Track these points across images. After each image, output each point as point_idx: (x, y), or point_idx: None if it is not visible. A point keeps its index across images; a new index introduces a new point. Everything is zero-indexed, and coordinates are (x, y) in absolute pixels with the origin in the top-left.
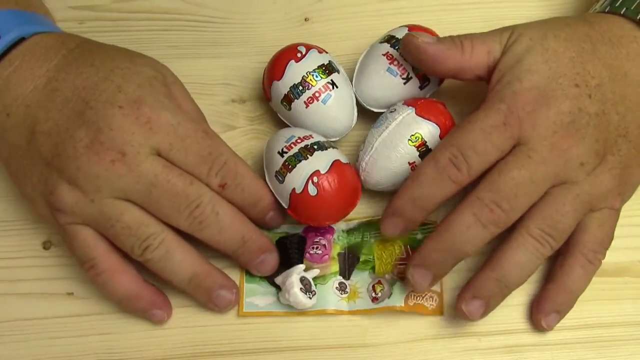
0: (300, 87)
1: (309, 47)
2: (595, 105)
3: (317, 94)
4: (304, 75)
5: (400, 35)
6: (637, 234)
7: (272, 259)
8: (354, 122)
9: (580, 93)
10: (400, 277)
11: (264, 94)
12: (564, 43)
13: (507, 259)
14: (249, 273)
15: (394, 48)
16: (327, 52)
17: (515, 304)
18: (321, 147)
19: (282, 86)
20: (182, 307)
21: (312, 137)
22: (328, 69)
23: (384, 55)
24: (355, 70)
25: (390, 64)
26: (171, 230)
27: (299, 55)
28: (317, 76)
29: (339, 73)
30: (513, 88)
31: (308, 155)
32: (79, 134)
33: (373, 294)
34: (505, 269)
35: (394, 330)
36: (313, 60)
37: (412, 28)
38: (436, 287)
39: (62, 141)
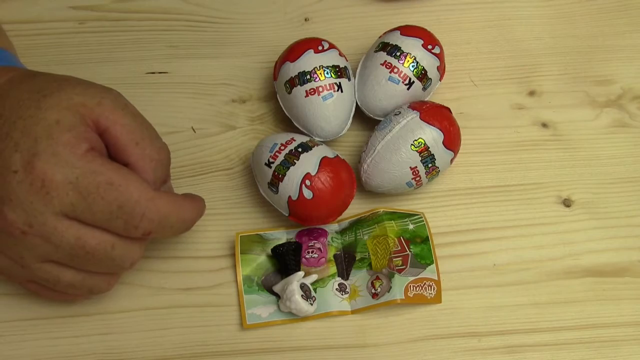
0: (308, 76)
1: (332, 46)
2: None
3: (320, 89)
4: (315, 67)
5: (393, 40)
6: (637, 234)
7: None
8: (344, 131)
9: None
10: (397, 269)
11: (273, 72)
12: None
13: None
14: (247, 284)
15: (391, 55)
16: (347, 60)
17: (515, 304)
18: (305, 148)
19: (292, 69)
20: (183, 307)
21: (295, 140)
22: (341, 71)
23: (382, 64)
24: (356, 83)
25: (390, 72)
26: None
27: (319, 48)
28: (327, 73)
29: (349, 80)
30: None
31: (295, 160)
32: None
33: (373, 290)
34: None
35: (394, 330)
36: (330, 58)
37: (403, 29)
38: (434, 275)
39: None
